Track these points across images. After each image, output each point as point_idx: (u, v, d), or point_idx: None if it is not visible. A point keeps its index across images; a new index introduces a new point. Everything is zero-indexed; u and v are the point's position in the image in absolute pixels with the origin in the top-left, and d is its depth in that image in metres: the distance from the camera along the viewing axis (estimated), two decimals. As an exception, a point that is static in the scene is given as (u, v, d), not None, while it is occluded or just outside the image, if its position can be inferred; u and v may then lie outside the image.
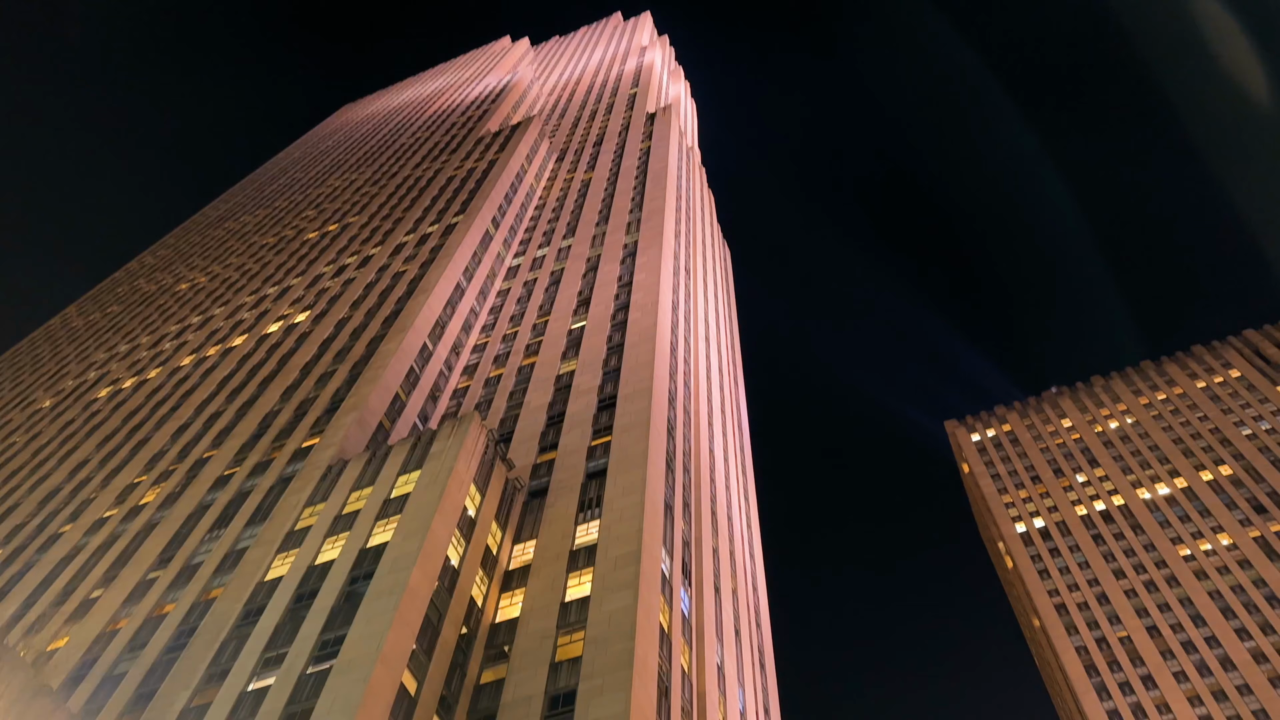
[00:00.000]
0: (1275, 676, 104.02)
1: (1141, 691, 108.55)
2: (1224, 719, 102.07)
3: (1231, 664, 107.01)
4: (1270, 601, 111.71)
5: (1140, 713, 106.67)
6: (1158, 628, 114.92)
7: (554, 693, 45.36)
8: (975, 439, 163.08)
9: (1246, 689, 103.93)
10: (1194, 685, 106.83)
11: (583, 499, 59.39)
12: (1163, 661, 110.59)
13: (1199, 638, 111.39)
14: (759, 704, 70.21)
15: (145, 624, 54.88)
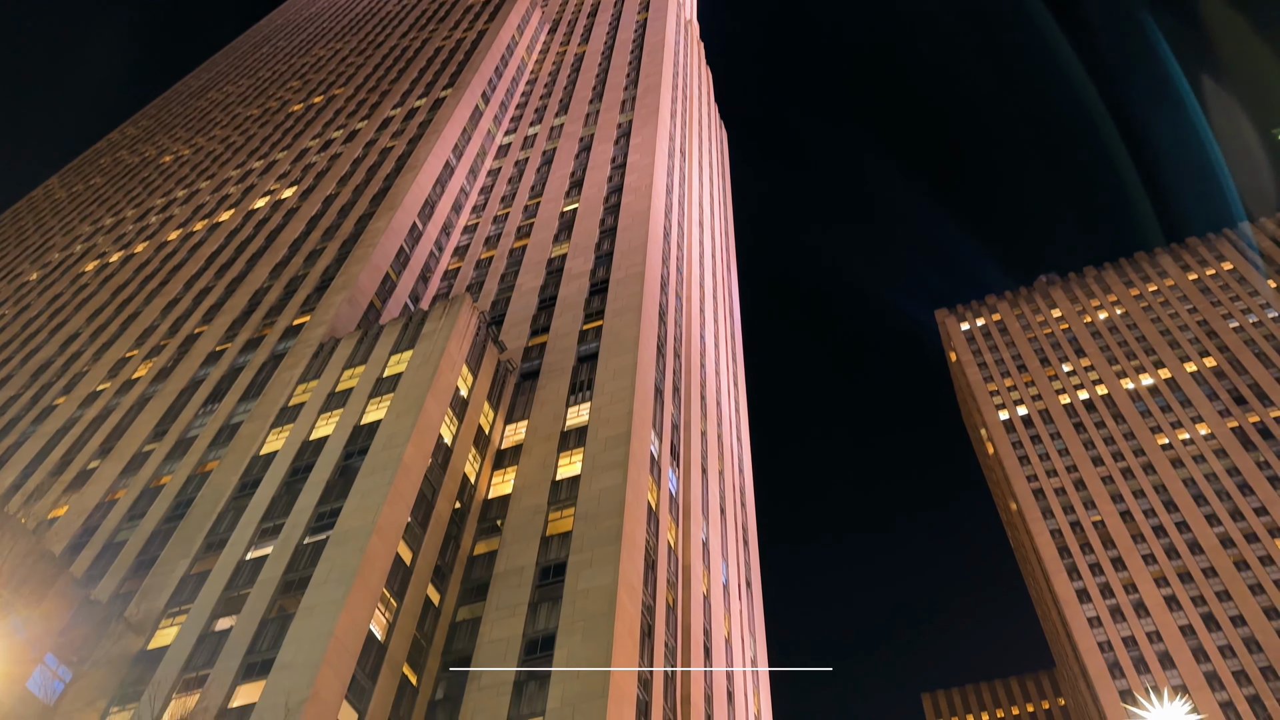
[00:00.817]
0: (1240, 560, 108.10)
1: (1111, 573, 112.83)
2: (1188, 599, 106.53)
3: (1199, 548, 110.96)
4: (1242, 489, 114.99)
5: (1108, 592, 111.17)
6: (1131, 513, 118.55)
7: (545, 564, 46.88)
8: (964, 328, 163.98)
9: (1211, 571, 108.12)
10: (1161, 568, 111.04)
11: (574, 382, 59.93)
12: (1133, 545, 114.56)
13: (1170, 523, 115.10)
14: (741, 577, 72.81)
15: (143, 494, 55.97)
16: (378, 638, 40.44)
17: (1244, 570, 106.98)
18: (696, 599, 55.70)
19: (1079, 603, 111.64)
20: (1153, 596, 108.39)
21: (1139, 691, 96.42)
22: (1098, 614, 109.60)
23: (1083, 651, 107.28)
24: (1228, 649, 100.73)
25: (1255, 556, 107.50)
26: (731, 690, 58.00)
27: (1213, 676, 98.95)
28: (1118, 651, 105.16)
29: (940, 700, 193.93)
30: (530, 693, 40.18)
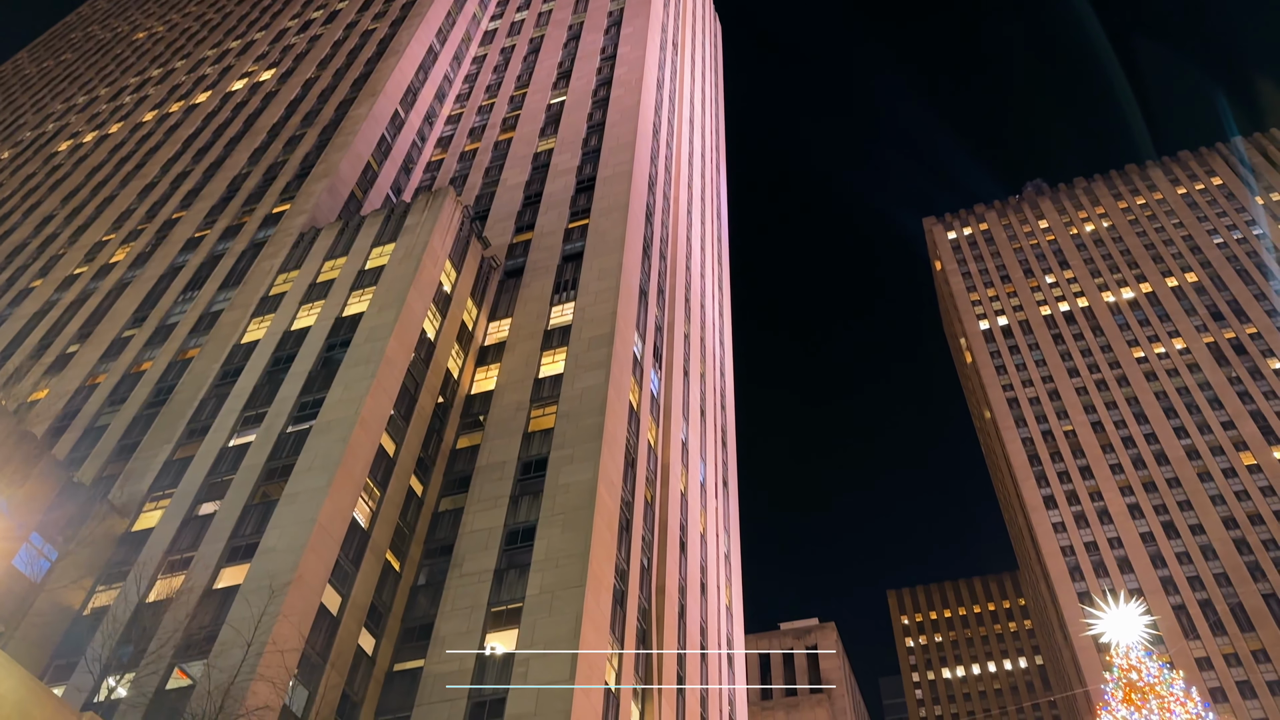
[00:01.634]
0: (1204, 472, 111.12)
1: (1078, 481, 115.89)
2: (1151, 507, 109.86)
3: (1165, 459, 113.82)
4: (1212, 403, 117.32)
5: (1074, 499, 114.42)
6: (1102, 423, 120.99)
7: (526, 459, 47.59)
8: (951, 236, 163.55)
9: (1175, 482, 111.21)
10: (1127, 477, 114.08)
11: (558, 281, 59.64)
12: (1101, 454, 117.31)
13: (1139, 434, 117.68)
14: (718, 477, 74.29)
15: (124, 380, 55.90)
16: (361, 525, 41.22)
17: (1206, 482, 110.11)
18: (674, 496, 56.92)
19: (1045, 509, 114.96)
20: (1116, 504, 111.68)
21: (1096, 593, 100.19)
22: (1062, 519, 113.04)
23: (1045, 555, 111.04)
24: (1185, 555, 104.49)
25: (1219, 469, 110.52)
26: (705, 583, 59.86)
27: (1168, 581, 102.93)
28: (1079, 555, 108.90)
29: (905, 597, 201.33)
30: (510, 581, 41.32)
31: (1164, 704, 33.65)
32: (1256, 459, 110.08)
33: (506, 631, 39.38)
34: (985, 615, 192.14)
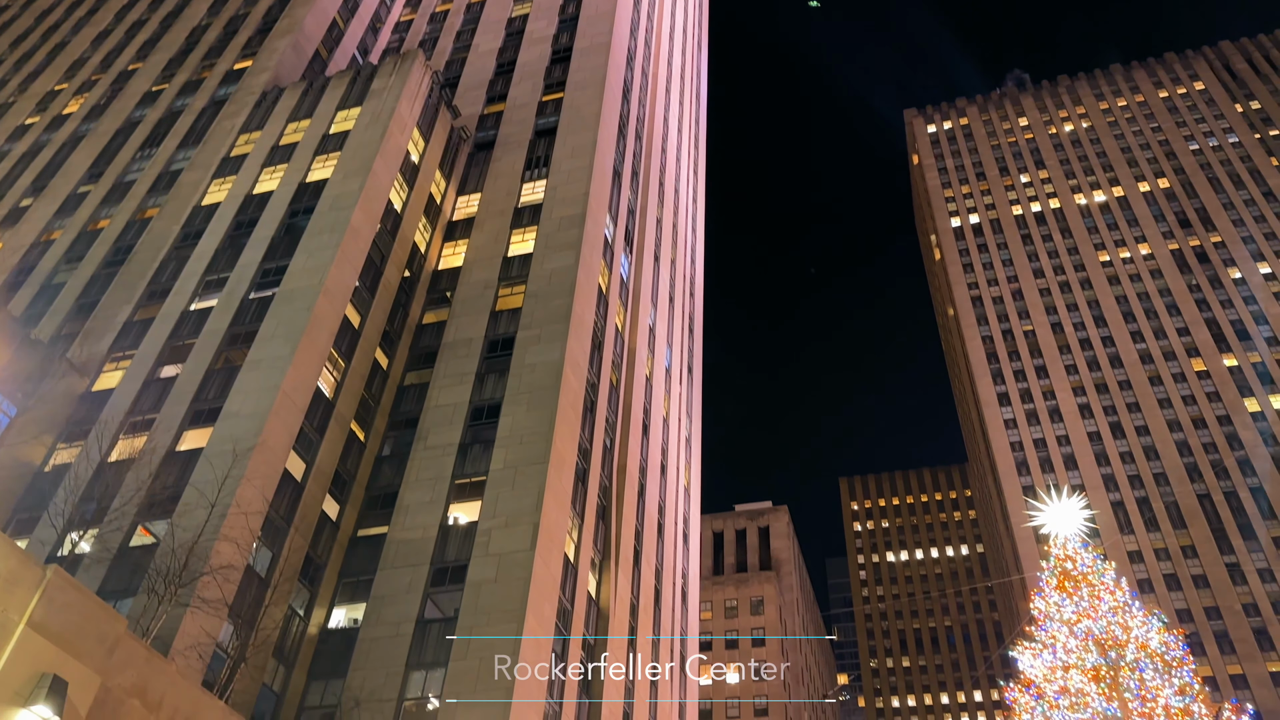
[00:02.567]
0: (1155, 375, 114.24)
1: (1033, 379, 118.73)
2: (1101, 408, 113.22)
3: (1119, 362, 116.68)
4: (1169, 310, 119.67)
5: (1027, 398, 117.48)
6: (1061, 325, 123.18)
7: (493, 338, 47.57)
8: (931, 130, 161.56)
9: (1126, 384, 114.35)
10: (1081, 378, 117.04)
11: (530, 157, 58.29)
12: (1058, 354, 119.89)
13: (1096, 337, 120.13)
14: (683, 364, 75.00)
15: (80, 237, 54.44)
16: (325, 395, 41.27)
17: (1156, 385, 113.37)
18: (639, 380, 57.48)
19: (999, 405, 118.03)
20: (1068, 404, 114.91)
21: (1040, 487, 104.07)
22: (1014, 416, 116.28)
23: (995, 450, 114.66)
24: (1128, 455, 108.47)
25: (1170, 373, 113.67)
26: (665, 464, 61.22)
27: (1109, 479, 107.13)
28: (1027, 451, 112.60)
29: (857, 484, 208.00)
30: (475, 455, 41.91)
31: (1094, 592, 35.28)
32: (1206, 365, 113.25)
33: (470, 503, 40.20)
34: (932, 504, 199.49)
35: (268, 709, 33.53)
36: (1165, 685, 30.72)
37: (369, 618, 36.61)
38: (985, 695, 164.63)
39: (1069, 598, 34.51)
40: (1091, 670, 31.58)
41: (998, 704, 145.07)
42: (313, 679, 35.48)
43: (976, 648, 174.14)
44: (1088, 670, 31.56)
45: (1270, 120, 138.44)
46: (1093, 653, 32.39)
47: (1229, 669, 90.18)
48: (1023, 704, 32.55)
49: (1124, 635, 32.56)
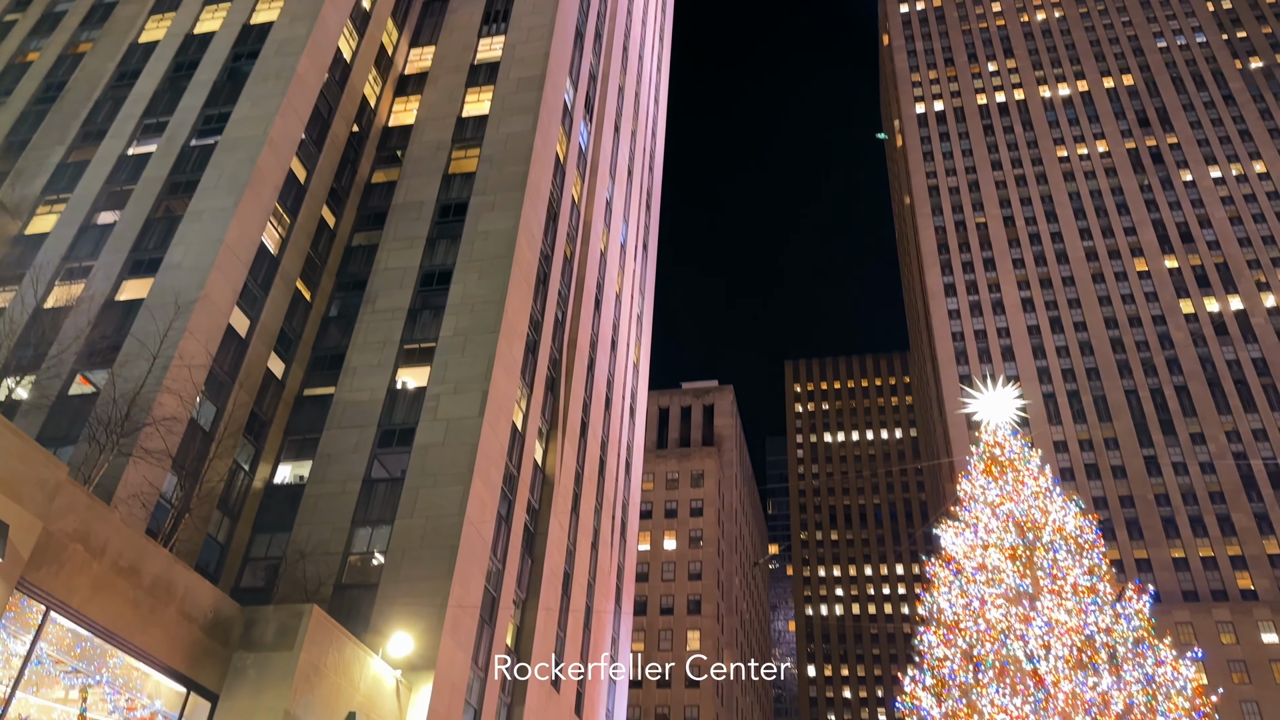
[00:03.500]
0: (1098, 273, 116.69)
1: (980, 271, 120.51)
2: (1043, 303, 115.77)
3: (1065, 258, 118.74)
4: (1119, 209, 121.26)
5: (973, 289, 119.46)
6: (1013, 218, 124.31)
7: (445, 202, 46.49)
8: (903, 10, 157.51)
9: (1070, 281, 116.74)
10: (1027, 272, 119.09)
11: (488, 10, 55.64)
12: (1007, 248, 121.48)
13: (1046, 232, 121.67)
14: (639, 239, 74.43)
15: (8, 70, 51.18)
16: (270, 251, 40.27)
17: (1099, 283, 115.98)
18: (594, 254, 57.01)
19: (944, 295, 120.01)
20: (1011, 297, 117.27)
21: (977, 376, 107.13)
22: (958, 307, 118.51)
23: (937, 339, 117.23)
24: (1064, 350, 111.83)
25: (1113, 272, 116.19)
26: (615, 340, 61.55)
27: (1044, 372, 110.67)
28: (967, 342, 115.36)
29: (800, 367, 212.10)
30: (424, 321, 41.61)
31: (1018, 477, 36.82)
32: (1148, 265, 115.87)
33: (418, 369, 40.15)
34: (871, 389, 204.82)
35: (212, 559, 34.07)
36: (1076, 565, 32.63)
37: (315, 475, 36.94)
38: (907, 569, 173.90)
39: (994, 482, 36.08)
40: (1009, 549, 33.34)
41: (918, 577, 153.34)
42: (258, 532, 35.99)
43: (902, 525, 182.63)
44: (1005, 549, 33.32)
45: (1239, 21, 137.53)
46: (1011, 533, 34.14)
47: (1135, 553, 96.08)
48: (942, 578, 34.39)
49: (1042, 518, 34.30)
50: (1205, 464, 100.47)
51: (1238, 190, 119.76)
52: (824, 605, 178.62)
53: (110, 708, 22.39)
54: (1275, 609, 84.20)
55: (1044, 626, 30.68)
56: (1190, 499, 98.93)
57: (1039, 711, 28.56)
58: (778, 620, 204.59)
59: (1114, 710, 28.61)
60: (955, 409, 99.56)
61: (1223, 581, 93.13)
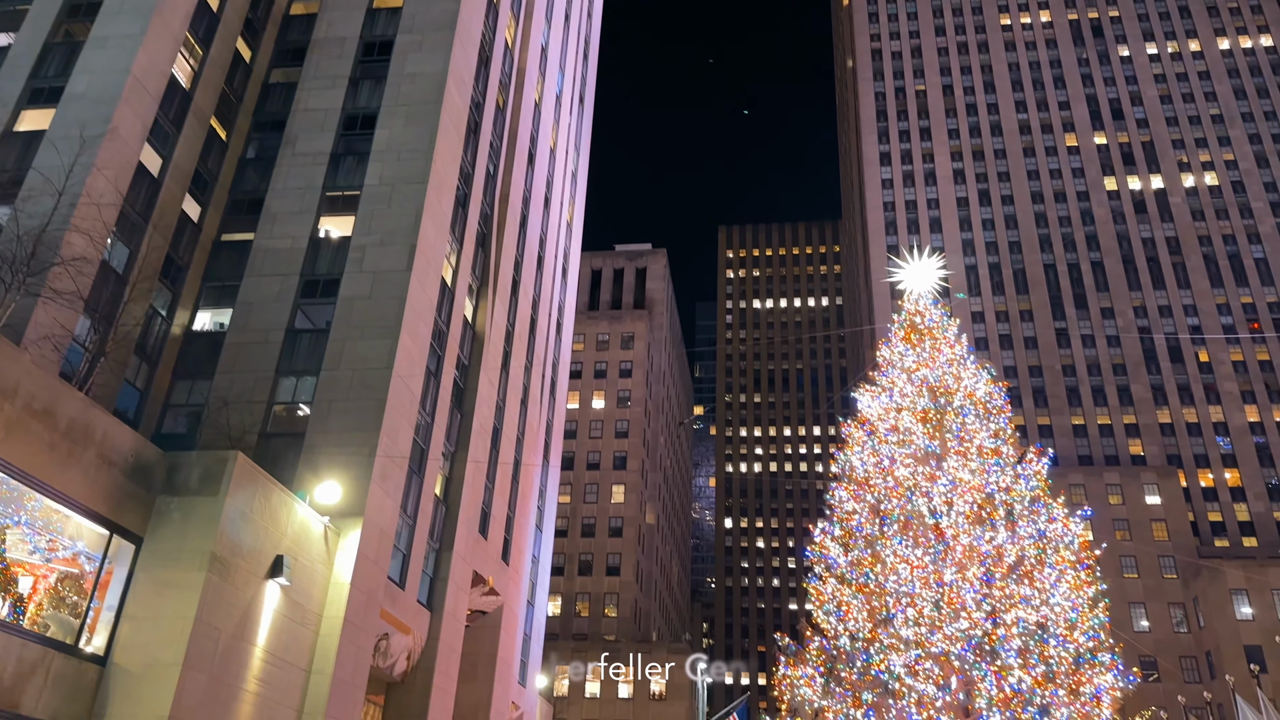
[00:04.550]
0: (1029, 147, 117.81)
1: (915, 140, 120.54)
2: (974, 175, 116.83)
3: (999, 130, 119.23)
4: (1056, 82, 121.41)
5: (907, 159, 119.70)
6: (952, 87, 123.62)
7: (370, 39, 43.96)
8: None
9: (1002, 154, 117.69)
10: (961, 143, 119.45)
11: None
12: (944, 118, 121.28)
13: (983, 103, 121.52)
14: (575, 91, 71.97)
15: None
16: (181, 84, 37.81)
17: (1029, 157, 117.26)
18: (528, 105, 55.03)
19: (879, 164, 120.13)
20: (944, 168, 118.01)
21: (904, 246, 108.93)
22: (892, 176, 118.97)
23: (869, 208, 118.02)
24: (989, 222, 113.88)
25: (1043, 146, 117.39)
26: (549, 197, 60.34)
27: (969, 244, 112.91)
28: (898, 212, 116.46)
29: (734, 234, 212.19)
30: (348, 167, 40.03)
31: (935, 345, 37.99)
32: (1078, 141, 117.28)
33: (342, 217, 38.90)
34: (802, 257, 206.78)
35: (131, 405, 33.44)
36: (983, 429, 34.27)
37: (236, 323, 36.10)
38: (824, 431, 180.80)
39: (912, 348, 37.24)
40: (921, 412, 34.78)
41: (834, 439, 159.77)
42: (178, 379, 35.32)
43: (822, 390, 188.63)
44: (918, 412, 34.74)
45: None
46: (925, 397, 35.51)
47: (1039, 420, 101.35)
48: (856, 438, 35.83)
49: (955, 384, 35.69)
50: (1112, 337, 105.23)
51: (1171, 68, 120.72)
52: (744, 463, 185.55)
53: (30, 548, 22.31)
54: (1160, 474, 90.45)
55: (948, 485, 32.43)
56: (1095, 370, 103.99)
57: (938, 562, 30.55)
58: (700, 477, 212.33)
59: (1006, 562, 30.76)
60: (881, 278, 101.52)
61: (1116, 448, 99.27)
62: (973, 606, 29.20)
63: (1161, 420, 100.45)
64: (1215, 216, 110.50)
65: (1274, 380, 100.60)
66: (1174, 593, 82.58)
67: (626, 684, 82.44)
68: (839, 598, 31.55)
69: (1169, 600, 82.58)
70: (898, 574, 30.36)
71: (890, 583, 30.44)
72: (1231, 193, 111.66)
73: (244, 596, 25.71)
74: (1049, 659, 28.61)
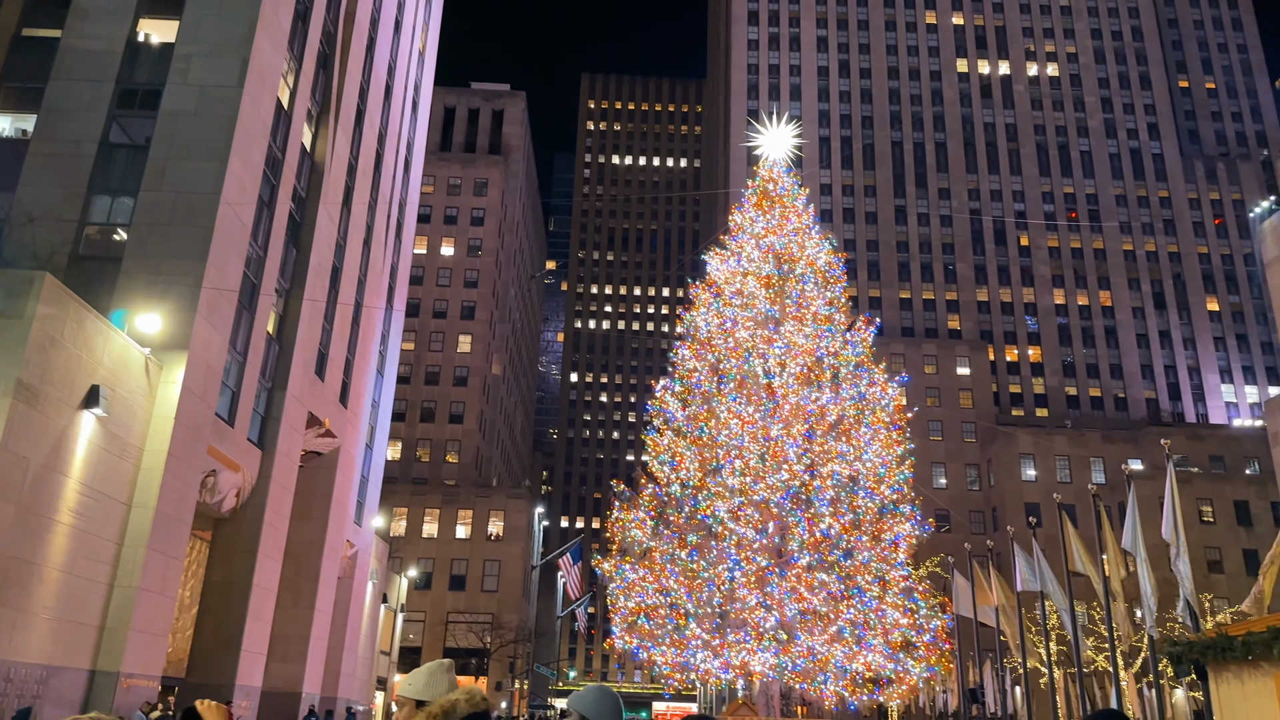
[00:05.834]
0: (891, 21, 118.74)
1: (784, 2, 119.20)
2: (836, 44, 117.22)
3: (865, 0, 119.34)
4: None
5: (775, 20, 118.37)
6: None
7: None
8: None
9: (865, 25, 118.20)
10: (828, 9, 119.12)
11: None
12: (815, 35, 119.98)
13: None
14: (434, -93, 66.42)
15: None
16: None
17: (890, 31, 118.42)
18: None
19: (747, 23, 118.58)
20: (809, 34, 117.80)
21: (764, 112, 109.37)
22: (759, 38, 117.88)
23: (733, 67, 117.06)
24: (846, 95, 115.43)
25: (905, 21, 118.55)
26: (400, 20, 56.32)
27: (824, 114, 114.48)
28: (760, 75, 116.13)
29: (599, 83, 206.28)
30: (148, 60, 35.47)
31: (784, 213, 39.01)
32: (937, 20, 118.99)
33: (165, 21, 35.05)
34: (664, 114, 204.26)
35: (-84, 216, 29.99)
36: (819, 297, 35.89)
37: (41, 131, 32.48)
38: (672, 292, 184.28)
39: (763, 215, 38.10)
40: (764, 278, 36.01)
41: (681, 300, 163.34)
42: (-28, 190, 31.80)
43: (675, 251, 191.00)
44: (761, 278, 35.95)
45: None
46: (769, 264, 36.72)
47: (871, 292, 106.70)
48: (702, 299, 36.83)
49: (799, 253, 37.01)
50: (945, 217, 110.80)
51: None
52: (593, 320, 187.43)
53: None
54: (972, 347, 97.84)
55: (783, 348, 34.07)
56: (926, 248, 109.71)
57: (767, 419, 32.38)
58: (548, 331, 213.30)
59: (828, 420, 32.97)
60: (740, 141, 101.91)
61: (936, 321, 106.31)
62: (794, 460, 31.31)
63: (980, 298, 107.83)
64: (1051, 107, 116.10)
65: (1082, 267, 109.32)
66: (971, 455, 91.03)
67: (465, 525, 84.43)
68: (674, 449, 33.15)
69: (966, 461, 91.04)
70: (729, 429, 32.07)
71: (722, 436, 32.15)
72: (1069, 85, 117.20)
73: (55, 426, 24.31)
74: (857, 508, 31.29)
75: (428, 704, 4.30)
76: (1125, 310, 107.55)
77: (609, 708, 4.58)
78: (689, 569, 30.77)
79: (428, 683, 4.42)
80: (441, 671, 4.49)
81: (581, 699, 4.62)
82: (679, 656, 30.38)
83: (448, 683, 4.45)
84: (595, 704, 4.56)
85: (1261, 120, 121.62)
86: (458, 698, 4.33)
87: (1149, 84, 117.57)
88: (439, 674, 4.48)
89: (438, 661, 4.56)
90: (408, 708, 4.38)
